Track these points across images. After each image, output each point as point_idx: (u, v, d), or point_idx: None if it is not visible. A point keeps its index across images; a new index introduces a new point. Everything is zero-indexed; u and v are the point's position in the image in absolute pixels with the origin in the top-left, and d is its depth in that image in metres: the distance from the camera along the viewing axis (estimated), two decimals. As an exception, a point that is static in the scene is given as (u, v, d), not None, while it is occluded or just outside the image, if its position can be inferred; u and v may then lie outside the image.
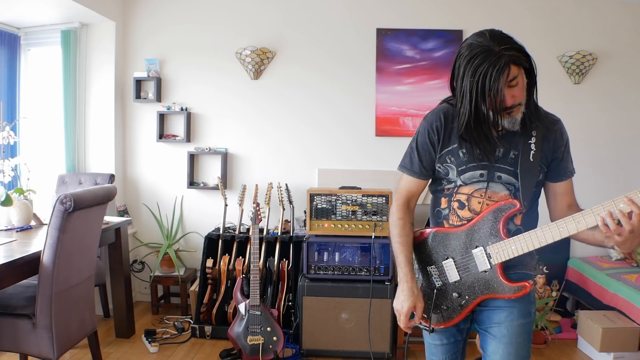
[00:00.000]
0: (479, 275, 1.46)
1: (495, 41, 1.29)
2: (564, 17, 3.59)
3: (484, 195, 1.45)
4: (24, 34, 3.67)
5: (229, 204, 3.52)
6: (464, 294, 1.49)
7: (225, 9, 3.70)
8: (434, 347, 1.64)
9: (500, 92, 1.29)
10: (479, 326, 1.55)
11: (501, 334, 1.46)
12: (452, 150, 1.47)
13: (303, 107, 3.72)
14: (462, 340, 1.64)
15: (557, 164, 1.48)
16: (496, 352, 1.47)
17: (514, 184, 1.44)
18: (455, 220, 1.50)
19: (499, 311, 1.47)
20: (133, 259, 3.73)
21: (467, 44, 1.35)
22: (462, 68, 1.33)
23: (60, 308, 2.19)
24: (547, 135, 1.45)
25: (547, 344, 3.17)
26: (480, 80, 1.29)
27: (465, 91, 1.33)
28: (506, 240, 1.41)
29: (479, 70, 1.28)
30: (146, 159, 3.84)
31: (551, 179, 1.50)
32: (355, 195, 3.01)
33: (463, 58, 1.33)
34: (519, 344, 1.46)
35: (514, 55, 1.29)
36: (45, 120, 3.72)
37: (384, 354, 2.91)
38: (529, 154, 1.43)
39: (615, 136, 3.64)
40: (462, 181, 1.47)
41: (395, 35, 3.62)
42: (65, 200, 2.08)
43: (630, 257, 3.33)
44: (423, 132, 1.51)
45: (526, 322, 1.48)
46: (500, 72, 1.27)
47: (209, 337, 3.18)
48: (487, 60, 1.28)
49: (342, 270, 2.97)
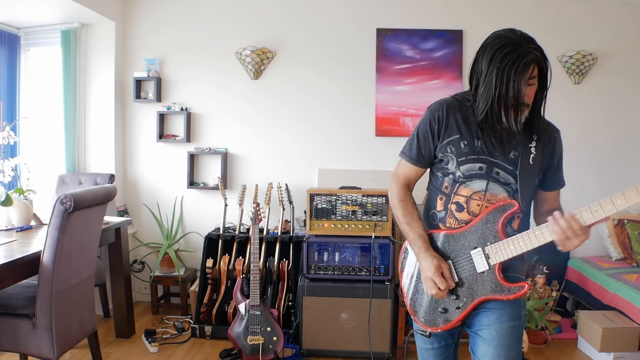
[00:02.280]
0: (477, 276, 1.46)
1: (524, 39, 1.35)
2: (564, 17, 3.59)
3: (483, 198, 1.46)
4: (24, 34, 3.67)
5: (229, 204, 3.52)
6: (462, 296, 1.48)
7: (225, 8, 3.70)
8: (426, 352, 1.65)
9: (521, 84, 1.33)
10: (469, 329, 1.54)
11: (491, 337, 1.46)
12: (454, 140, 1.49)
13: (303, 107, 3.72)
14: (453, 344, 1.64)
15: (553, 173, 1.52)
16: (486, 354, 1.46)
17: (511, 185, 1.45)
18: (453, 223, 1.50)
19: (488, 313, 1.47)
20: (133, 259, 3.73)
21: (496, 34, 1.39)
22: (489, 54, 1.36)
23: (60, 308, 2.19)
24: (547, 142, 1.48)
25: (547, 344, 3.17)
26: (507, 69, 1.32)
27: (491, 76, 1.35)
28: (504, 240, 1.41)
29: (507, 58, 1.32)
30: (146, 159, 3.84)
31: (545, 187, 1.55)
32: (355, 195, 3.01)
33: (491, 45, 1.37)
34: (509, 345, 1.45)
35: (539, 56, 1.34)
36: (45, 120, 3.71)
37: (384, 354, 2.91)
38: (529, 156, 1.45)
39: (615, 136, 3.64)
40: (462, 172, 1.47)
41: (395, 35, 3.62)
42: (65, 200, 2.08)
43: (631, 257, 3.33)
44: (425, 120, 1.54)
45: (516, 325, 1.47)
46: (526, 65, 1.31)
47: (209, 337, 3.18)
48: (516, 50, 1.32)
49: (342, 270, 2.97)
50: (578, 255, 3.60)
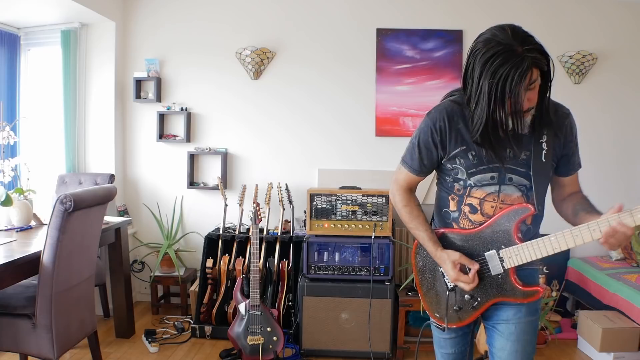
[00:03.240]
0: (491, 278, 1.44)
1: (518, 40, 1.21)
2: (563, 17, 3.59)
3: (497, 200, 1.42)
4: (24, 34, 3.67)
5: (229, 204, 3.52)
6: (477, 296, 1.47)
7: (225, 8, 3.70)
8: (443, 341, 1.63)
9: (520, 95, 1.22)
10: (486, 321, 1.54)
11: (509, 332, 1.46)
12: (460, 152, 1.42)
13: (303, 107, 3.72)
14: (470, 332, 1.63)
15: (568, 159, 1.46)
16: (504, 348, 1.47)
17: (525, 185, 1.41)
18: (467, 224, 1.48)
19: (507, 308, 1.46)
20: (133, 259, 3.73)
21: (485, 39, 1.26)
22: (479, 67, 1.24)
23: (60, 308, 2.19)
24: (558, 132, 1.41)
25: (547, 344, 3.17)
26: (500, 83, 1.21)
27: (483, 92, 1.24)
28: (520, 245, 1.38)
29: (499, 72, 1.20)
30: (146, 159, 3.84)
31: (561, 173, 1.49)
32: (355, 195, 3.01)
33: (480, 55, 1.24)
34: (526, 340, 1.46)
35: (537, 57, 1.21)
36: (45, 120, 3.71)
37: (384, 354, 2.91)
38: (541, 154, 1.39)
39: (615, 136, 3.64)
40: (473, 182, 1.43)
41: (395, 35, 3.62)
42: (65, 200, 2.08)
43: (631, 257, 3.33)
44: (426, 130, 1.45)
45: (534, 319, 1.47)
46: (522, 76, 1.19)
47: (209, 337, 3.18)
48: (509, 61, 1.19)
49: (342, 270, 2.97)
50: (578, 255, 3.60)
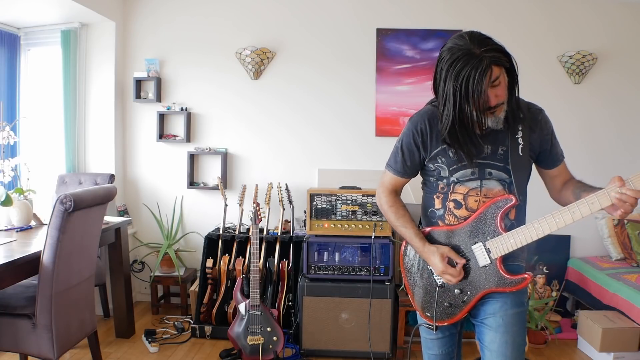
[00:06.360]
0: (479, 270, 1.49)
1: (475, 43, 1.31)
2: (564, 17, 3.59)
3: (480, 194, 1.48)
4: (24, 34, 3.67)
5: (229, 204, 3.52)
6: (466, 289, 1.51)
7: (225, 8, 3.70)
8: (430, 342, 1.67)
9: (483, 93, 1.31)
10: (475, 319, 1.57)
11: (497, 324, 1.49)
12: (441, 151, 1.51)
13: (303, 107, 3.72)
14: (457, 333, 1.67)
15: (548, 153, 1.53)
16: (493, 341, 1.50)
17: (505, 180, 1.48)
18: (452, 220, 1.53)
19: (493, 302, 1.51)
20: (133, 259, 3.73)
21: (448, 47, 1.36)
22: (444, 72, 1.35)
23: (60, 308, 2.19)
24: (533, 126, 1.49)
25: (547, 344, 3.17)
26: (463, 84, 1.30)
27: (448, 95, 1.34)
28: (504, 235, 1.44)
29: (461, 74, 1.30)
30: (146, 159, 3.84)
31: (545, 166, 1.57)
32: (355, 195, 3.01)
33: (445, 62, 1.34)
34: (515, 332, 1.49)
35: (495, 56, 1.30)
36: (45, 120, 3.71)
37: (384, 354, 2.91)
38: (518, 148, 1.46)
39: (615, 136, 3.63)
40: (456, 179, 1.50)
41: (395, 35, 3.62)
42: (65, 200, 2.08)
43: (631, 257, 3.33)
44: (408, 133, 1.54)
45: (520, 311, 1.51)
46: (482, 74, 1.29)
47: (209, 337, 3.18)
48: (469, 63, 1.29)
49: (342, 270, 2.97)
50: (578, 255, 3.60)
